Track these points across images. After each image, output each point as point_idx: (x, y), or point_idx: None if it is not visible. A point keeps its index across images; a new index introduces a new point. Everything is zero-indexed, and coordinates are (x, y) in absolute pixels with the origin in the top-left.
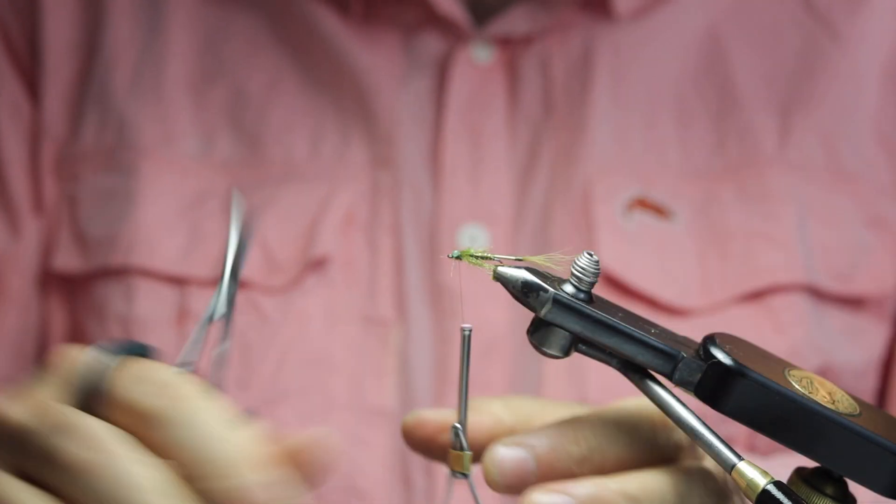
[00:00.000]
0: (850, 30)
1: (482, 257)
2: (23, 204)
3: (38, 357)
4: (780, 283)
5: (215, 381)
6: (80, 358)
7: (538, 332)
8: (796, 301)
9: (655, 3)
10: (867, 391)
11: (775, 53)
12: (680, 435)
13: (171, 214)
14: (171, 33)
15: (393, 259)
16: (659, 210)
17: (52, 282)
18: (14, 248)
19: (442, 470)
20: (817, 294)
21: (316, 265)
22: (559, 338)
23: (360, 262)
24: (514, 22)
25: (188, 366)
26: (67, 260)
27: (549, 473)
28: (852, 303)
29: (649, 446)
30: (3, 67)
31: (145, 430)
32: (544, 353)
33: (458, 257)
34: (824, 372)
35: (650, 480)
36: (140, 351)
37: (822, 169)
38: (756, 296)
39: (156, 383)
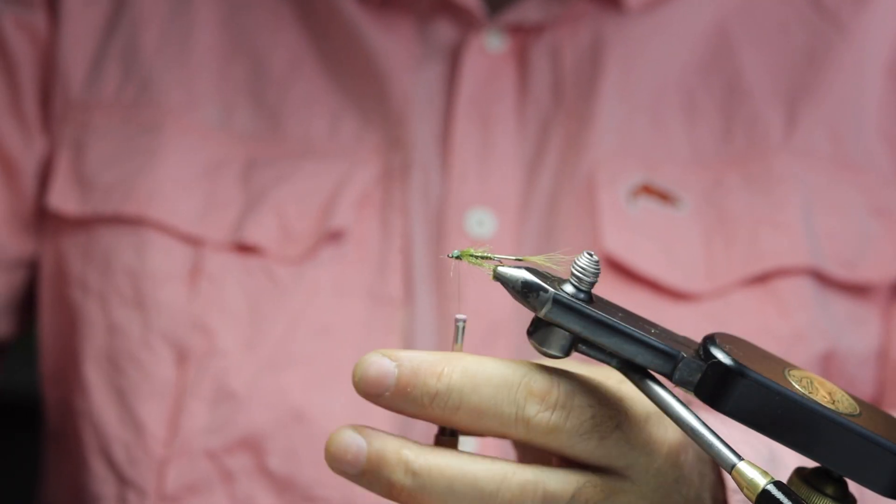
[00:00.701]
0: (856, 24)
1: (482, 257)
2: (34, 120)
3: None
4: (785, 266)
5: None
6: None
7: (538, 332)
8: (801, 284)
9: None
10: (869, 380)
11: (782, 46)
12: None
13: (190, 176)
14: (198, 3)
15: (403, 240)
16: (664, 196)
17: (46, 221)
18: (29, 154)
19: None
20: (822, 279)
21: (331, 238)
22: (559, 338)
23: (373, 241)
24: (526, 11)
25: None
26: (64, 201)
27: (402, 396)
28: (857, 290)
29: (523, 423)
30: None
31: None
32: (544, 354)
33: (458, 257)
34: (828, 357)
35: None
36: None
37: (828, 158)
38: (761, 279)
39: None
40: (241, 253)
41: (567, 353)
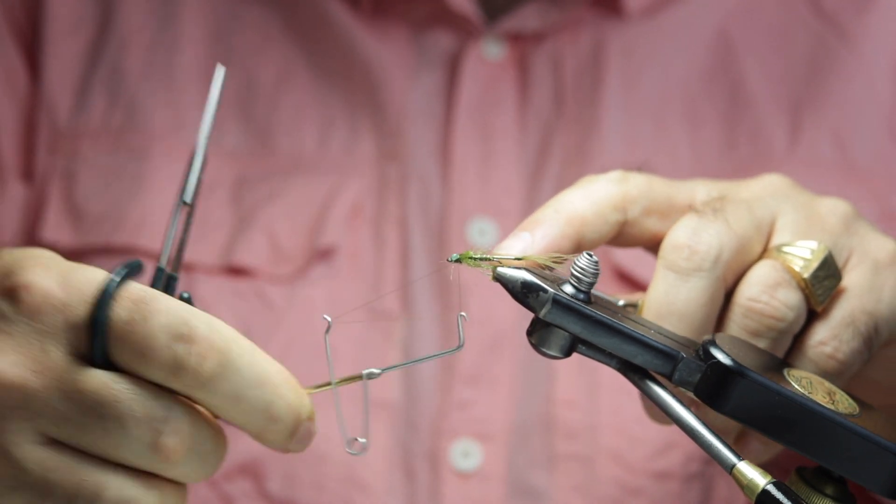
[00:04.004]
0: (859, 29)
1: (482, 259)
2: (10, 167)
3: None
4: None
5: (175, 270)
6: (64, 295)
7: (538, 332)
8: None
9: (665, 1)
10: None
11: (785, 53)
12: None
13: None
14: (184, 21)
15: (399, 252)
16: None
17: None
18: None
19: (446, 463)
20: None
21: (322, 255)
22: (559, 338)
23: (366, 255)
24: (525, 19)
25: (163, 269)
26: (57, 233)
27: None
28: None
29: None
30: (1, 34)
31: (175, 381)
32: (544, 354)
33: (458, 260)
34: None
35: None
36: (130, 270)
37: (834, 166)
38: None
39: (177, 335)
40: (232, 276)
41: (567, 354)
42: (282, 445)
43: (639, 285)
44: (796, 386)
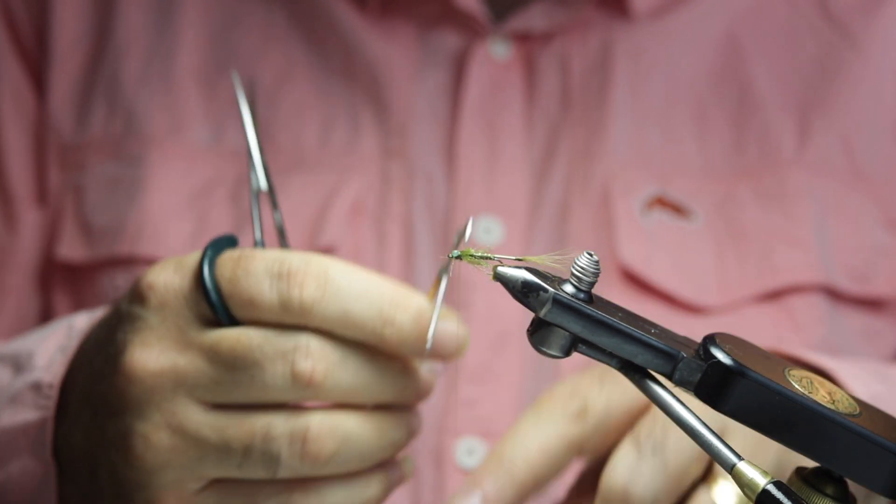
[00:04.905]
0: (867, 34)
1: (482, 257)
2: (22, 195)
3: None
4: (798, 284)
5: (282, 247)
6: (178, 279)
7: (538, 332)
8: (814, 301)
9: (673, 3)
10: None
11: (793, 57)
12: None
13: (178, 203)
14: (183, 23)
15: (402, 249)
16: (677, 209)
17: (57, 272)
18: (10, 241)
19: (450, 461)
20: (835, 295)
21: (323, 253)
22: (559, 338)
23: (368, 252)
24: (532, 19)
25: (260, 243)
26: (72, 249)
27: None
28: (870, 304)
29: None
30: (8, 58)
31: (288, 315)
32: (544, 354)
33: (459, 257)
34: None
35: None
36: (225, 244)
37: (841, 171)
38: (774, 295)
39: (275, 274)
40: None
41: (567, 354)
42: (416, 348)
43: (646, 286)
44: (797, 386)
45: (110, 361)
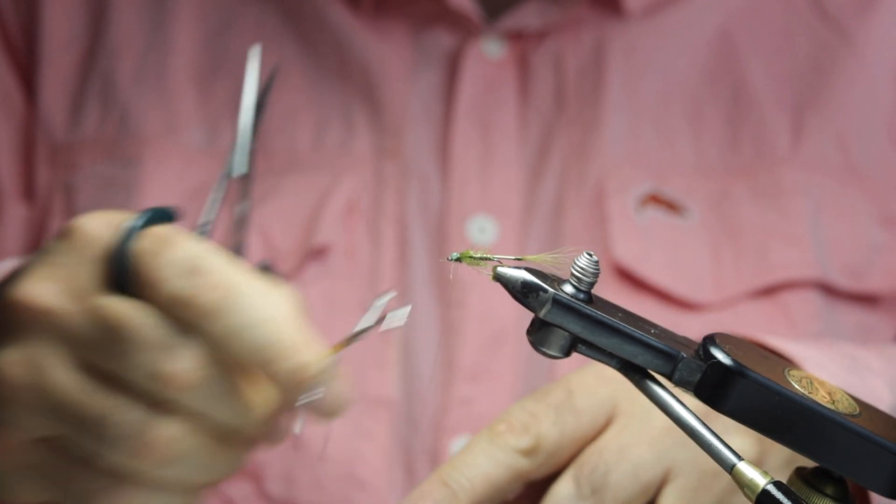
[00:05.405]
0: (861, 32)
1: (482, 258)
2: (8, 190)
3: None
4: (792, 279)
5: (237, 240)
6: (105, 233)
7: (538, 332)
8: (809, 297)
9: (667, 1)
10: None
11: (787, 55)
12: None
13: (172, 204)
14: (177, 24)
15: (396, 249)
16: (672, 206)
17: None
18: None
19: (446, 460)
20: (830, 291)
21: (316, 254)
22: (559, 338)
23: (362, 252)
24: (525, 17)
25: (206, 225)
26: None
27: None
28: (865, 300)
29: None
30: None
31: (181, 312)
32: (544, 354)
33: (458, 259)
34: None
35: None
36: (163, 216)
37: (835, 168)
38: (769, 291)
39: (188, 268)
40: None
41: (567, 354)
42: (290, 397)
43: (640, 283)
44: (796, 386)
45: (7, 284)
